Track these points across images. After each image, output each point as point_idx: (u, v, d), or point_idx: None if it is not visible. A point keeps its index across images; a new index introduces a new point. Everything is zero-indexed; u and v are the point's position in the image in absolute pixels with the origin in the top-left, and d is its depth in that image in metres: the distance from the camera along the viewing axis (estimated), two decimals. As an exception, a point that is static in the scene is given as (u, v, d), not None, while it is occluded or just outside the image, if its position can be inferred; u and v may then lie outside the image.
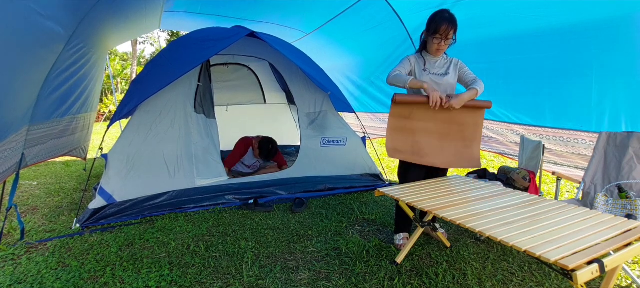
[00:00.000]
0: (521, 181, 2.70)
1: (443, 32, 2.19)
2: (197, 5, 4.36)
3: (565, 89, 2.96)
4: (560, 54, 2.91)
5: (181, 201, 3.06)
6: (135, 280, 2.00)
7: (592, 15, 2.62)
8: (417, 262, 2.23)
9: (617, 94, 2.69)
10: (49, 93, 2.49)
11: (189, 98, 3.19)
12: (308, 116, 3.70)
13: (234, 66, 4.86)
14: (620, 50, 2.56)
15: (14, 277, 2.02)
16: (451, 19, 2.19)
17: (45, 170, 4.65)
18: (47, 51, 2.19)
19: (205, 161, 3.23)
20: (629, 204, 2.08)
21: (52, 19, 2.01)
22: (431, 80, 2.31)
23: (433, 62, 2.35)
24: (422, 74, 2.33)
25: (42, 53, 2.14)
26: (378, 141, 6.85)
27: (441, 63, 2.36)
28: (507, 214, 1.65)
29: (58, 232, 2.63)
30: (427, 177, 2.45)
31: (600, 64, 2.70)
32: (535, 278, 2.06)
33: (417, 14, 3.67)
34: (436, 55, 2.34)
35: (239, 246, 2.43)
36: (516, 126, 3.48)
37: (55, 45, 2.23)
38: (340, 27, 4.64)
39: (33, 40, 1.94)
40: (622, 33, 2.52)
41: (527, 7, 2.86)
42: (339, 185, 3.65)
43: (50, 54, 2.25)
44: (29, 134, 2.49)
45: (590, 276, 1.17)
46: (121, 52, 18.28)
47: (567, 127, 3.04)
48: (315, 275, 2.09)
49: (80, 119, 3.68)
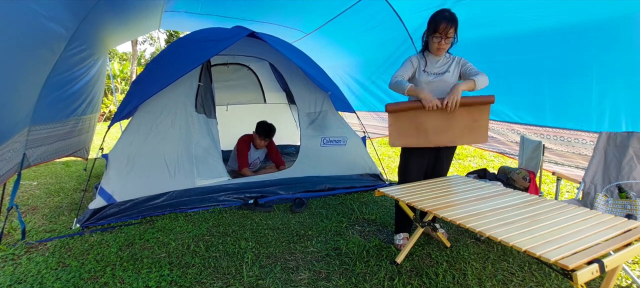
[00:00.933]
0: (521, 181, 2.70)
1: (442, 30, 2.20)
2: (197, 5, 4.36)
3: (565, 89, 2.96)
4: (560, 54, 2.91)
5: (181, 201, 3.06)
6: (135, 280, 2.00)
7: (593, 15, 2.62)
8: (417, 262, 2.23)
9: (617, 94, 2.69)
10: (49, 94, 2.50)
11: (190, 98, 3.19)
12: (308, 116, 3.70)
13: (234, 66, 4.86)
14: (620, 50, 2.56)
15: (14, 277, 2.02)
16: (451, 17, 2.19)
17: (45, 170, 4.66)
18: (48, 52, 2.20)
19: (206, 161, 3.24)
20: (629, 204, 2.08)
21: (53, 20, 2.01)
22: (427, 81, 2.30)
23: (434, 62, 2.35)
24: (421, 74, 2.33)
25: (43, 53, 2.14)
26: (378, 141, 6.85)
27: (442, 62, 2.35)
28: (507, 214, 1.65)
29: (58, 232, 2.63)
30: (427, 174, 2.45)
31: (600, 64, 2.70)
32: (535, 278, 2.06)
33: (418, 14, 3.67)
34: (437, 55, 2.33)
35: (239, 246, 2.43)
36: (517, 125, 3.48)
37: (56, 46, 2.23)
38: (340, 27, 4.64)
39: (34, 40, 1.94)
40: (622, 33, 2.52)
41: (527, 7, 2.86)
42: (339, 185, 3.65)
43: (51, 55, 2.25)
44: (30, 134, 2.49)
45: (590, 276, 1.17)
46: (121, 52, 18.27)
47: (568, 126, 3.04)
48: (315, 275, 2.09)
49: (85, 120, 3.70)
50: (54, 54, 2.27)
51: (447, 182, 2.26)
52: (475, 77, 2.23)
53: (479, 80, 2.21)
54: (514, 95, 3.39)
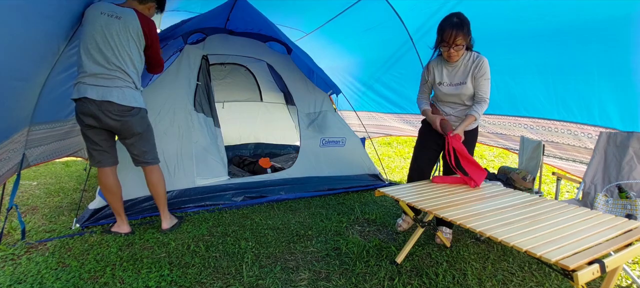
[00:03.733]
0: (521, 181, 2.70)
1: (447, 37, 2.12)
2: (197, 4, 4.36)
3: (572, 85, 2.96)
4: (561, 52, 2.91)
5: (181, 201, 3.06)
6: (135, 280, 2.00)
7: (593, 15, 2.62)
8: (417, 262, 2.23)
9: (617, 94, 2.69)
10: (50, 93, 2.49)
11: (189, 97, 3.19)
12: (308, 116, 3.70)
13: (231, 66, 4.86)
14: (620, 49, 2.56)
15: (13, 277, 2.02)
16: (457, 24, 2.09)
17: (45, 170, 4.65)
18: (48, 52, 2.19)
19: (206, 160, 3.23)
20: (629, 204, 2.08)
21: (52, 19, 2.01)
22: (446, 93, 2.36)
23: (451, 69, 2.29)
24: (438, 87, 2.37)
25: (43, 54, 2.14)
26: (378, 141, 6.85)
27: (461, 70, 2.27)
28: (508, 214, 1.65)
29: (58, 232, 2.63)
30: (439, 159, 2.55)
31: (602, 63, 2.70)
32: (535, 278, 2.06)
33: (418, 14, 3.67)
34: (451, 62, 2.26)
35: (239, 246, 2.43)
36: (523, 119, 3.47)
37: (56, 46, 2.23)
38: (341, 27, 4.63)
39: (34, 41, 1.94)
40: (622, 33, 2.52)
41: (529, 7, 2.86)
42: (338, 185, 3.65)
43: (51, 55, 2.24)
44: (30, 134, 2.49)
45: (591, 276, 1.17)
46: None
47: (574, 120, 3.05)
48: (315, 275, 2.09)
49: None
50: (54, 54, 2.26)
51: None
52: (473, 110, 2.26)
53: (477, 114, 2.26)
54: (520, 88, 3.38)
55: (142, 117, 2.41)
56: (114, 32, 2.21)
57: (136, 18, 2.29)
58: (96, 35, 2.19)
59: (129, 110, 2.29)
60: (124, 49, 2.25)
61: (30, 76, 2.09)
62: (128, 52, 2.27)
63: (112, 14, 2.23)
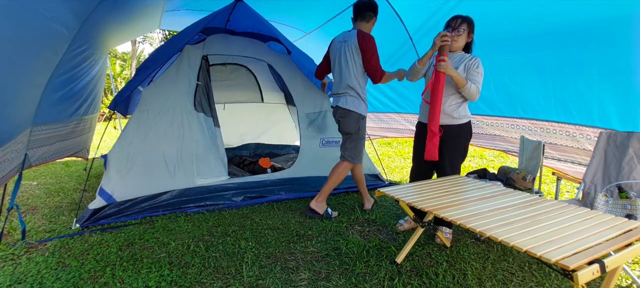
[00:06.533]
0: (521, 181, 2.70)
1: (453, 22, 2.37)
2: (197, 2, 4.36)
3: (571, 85, 2.96)
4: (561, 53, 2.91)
5: (181, 201, 3.06)
6: (135, 280, 2.00)
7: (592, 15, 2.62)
8: (417, 262, 2.23)
9: (617, 94, 2.69)
10: (52, 94, 2.49)
11: (189, 97, 3.19)
12: (308, 116, 3.70)
13: (232, 66, 4.86)
14: (620, 49, 2.56)
15: (13, 277, 2.02)
16: (464, 16, 2.40)
17: (45, 170, 4.65)
18: (51, 52, 2.19)
19: (206, 160, 3.23)
20: (629, 204, 2.09)
21: (55, 20, 2.01)
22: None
23: (450, 57, 2.42)
24: (430, 77, 2.47)
25: (45, 54, 2.14)
26: (378, 141, 6.85)
27: (457, 59, 2.43)
28: (508, 214, 1.65)
29: (58, 232, 2.63)
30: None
31: (602, 63, 2.70)
32: (535, 278, 2.06)
33: (418, 14, 3.67)
34: (451, 50, 2.42)
35: (239, 246, 2.43)
36: (521, 120, 3.47)
37: (58, 46, 2.23)
38: (341, 27, 4.62)
39: (37, 41, 1.94)
40: (622, 33, 2.52)
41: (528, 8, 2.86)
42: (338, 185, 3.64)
43: (53, 55, 2.24)
44: (32, 134, 2.49)
45: (591, 276, 1.17)
46: (121, 52, 18.25)
47: (573, 121, 3.06)
48: (315, 275, 2.09)
49: (87, 121, 3.69)
50: (56, 54, 2.26)
51: (448, 182, 2.26)
52: (471, 81, 2.32)
53: (470, 86, 2.30)
54: (518, 88, 3.38)
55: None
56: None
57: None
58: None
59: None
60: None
61: (32, 77, 2.09)
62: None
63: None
